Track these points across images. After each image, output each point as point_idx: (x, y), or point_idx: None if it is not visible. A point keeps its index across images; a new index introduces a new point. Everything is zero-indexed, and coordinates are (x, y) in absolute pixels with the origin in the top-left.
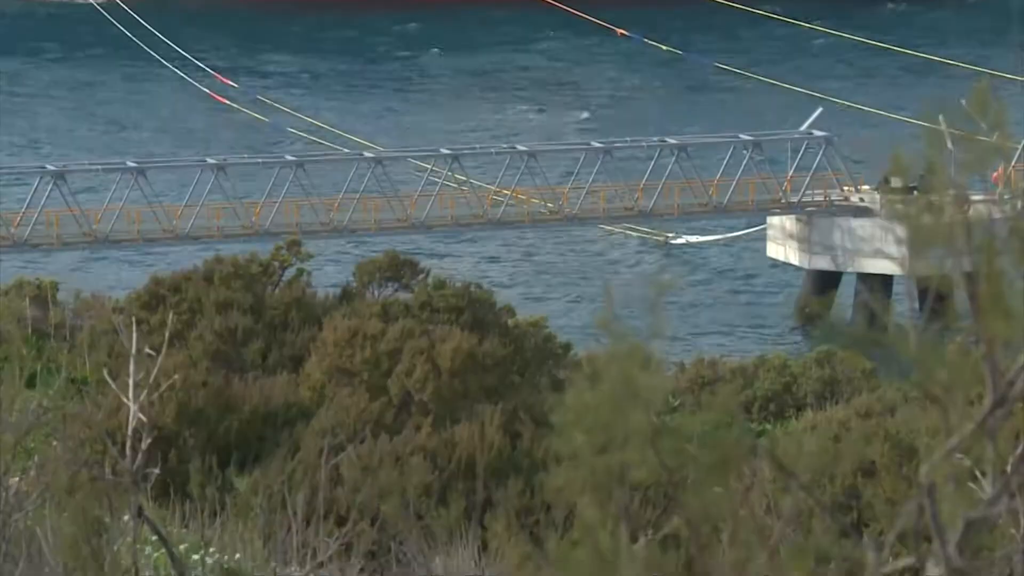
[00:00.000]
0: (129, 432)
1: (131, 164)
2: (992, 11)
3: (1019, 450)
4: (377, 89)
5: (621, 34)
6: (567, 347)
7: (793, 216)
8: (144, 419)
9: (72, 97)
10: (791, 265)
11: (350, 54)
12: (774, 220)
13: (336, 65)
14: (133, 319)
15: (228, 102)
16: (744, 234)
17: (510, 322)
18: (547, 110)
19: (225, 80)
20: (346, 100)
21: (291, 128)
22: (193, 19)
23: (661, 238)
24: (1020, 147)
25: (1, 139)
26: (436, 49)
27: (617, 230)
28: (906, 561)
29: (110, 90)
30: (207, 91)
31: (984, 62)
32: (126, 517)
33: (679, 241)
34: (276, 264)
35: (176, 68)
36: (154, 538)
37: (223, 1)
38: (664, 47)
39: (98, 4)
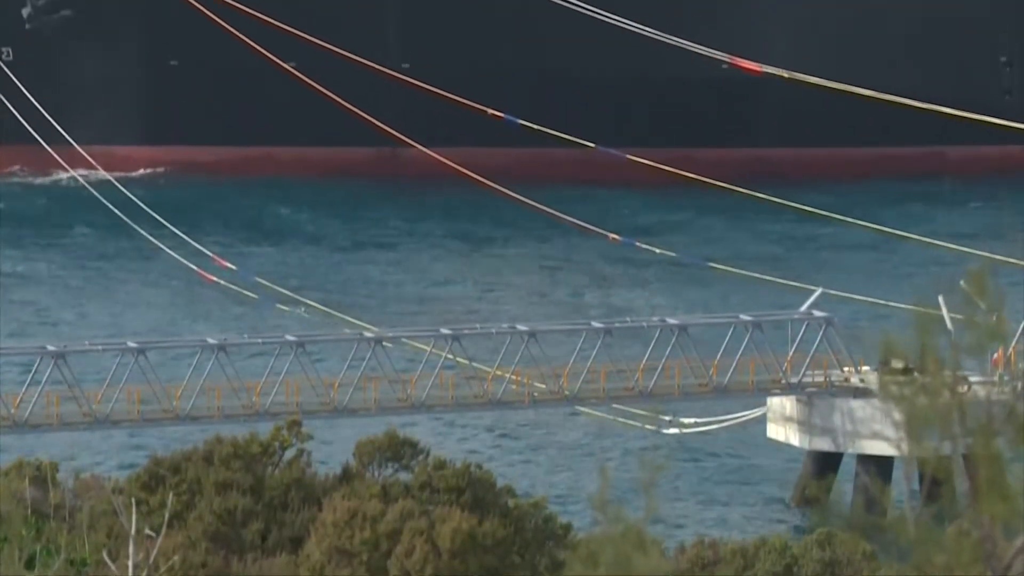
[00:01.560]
0: None
1: (131, 344)
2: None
3: None
4: (372, 264)
5: (613, 239)
6: (567, 528)
7: (793, 397)
8: None
9: (70, 278)
10: (791, 446)
11: (350, 227)
12: (774, 401)
13: (334, 241)
14: (133, 500)
15: (225, 283)
16: (744, 419)
17: (511, 503)
18: (546, 295)
19: (222, 262)
20: (343, 277)
21: (284, 306)
22: (190, 198)
23: (664, 419)
24: (1020, 329)
25: (1, 319)
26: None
27: (617, 412)
28: None
29: (108, 270)
30: (203, 273)
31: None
32: None
33: (677, 428)
34: (276, 444)
35: (171, 249)
36: None
37: (222, 175)
38: (658, 251)
39: (89, 184)
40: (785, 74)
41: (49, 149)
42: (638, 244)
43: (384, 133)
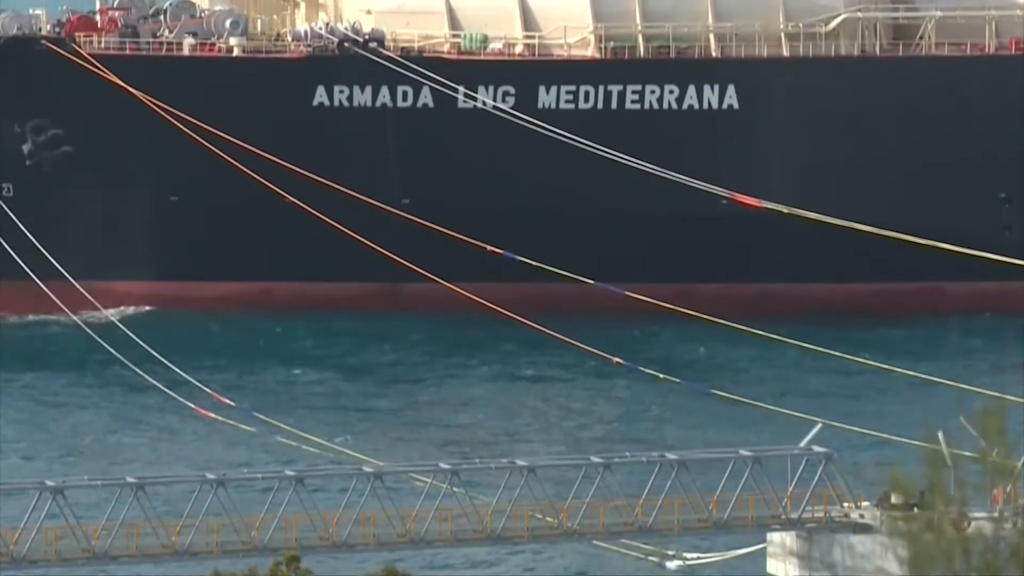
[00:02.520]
0: None
1: (130, 480)
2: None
3: None
4: (371, 397)
5: (617, 363)
6: None
7: (793, 532)
8: None
9: (68, 414)
10: None
11: (349, 361)
12: (774, 536)
13: (333, 375)
14: None
15: (223, 419)
16: (745, 553)
17: None
18: (547, 421)
19: (220, 398)
20: (342, 411)
21: (283, 439)
22: (189, 333)
23: (665, 554)
24: (1020, 464)
25: None
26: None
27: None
28: None
29: (105, 407)
30: (200, 410)
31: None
32: None
33: (678, 562)
34: None
35: (169, 386)
36: None
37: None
38: (661, 376)
39: (86, 321)
40: (784, 210)
41: (45, 288)
42: (641, 369)
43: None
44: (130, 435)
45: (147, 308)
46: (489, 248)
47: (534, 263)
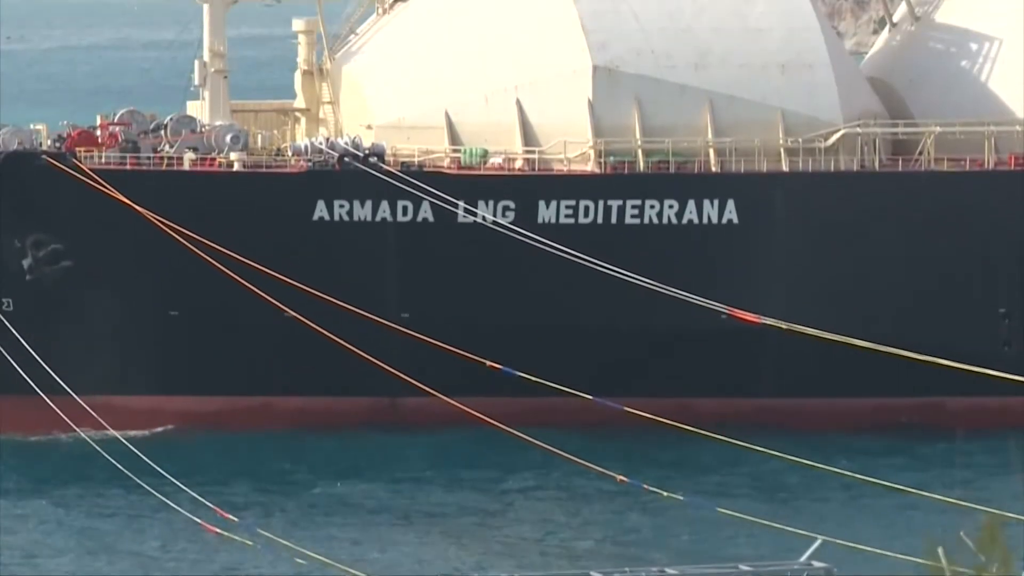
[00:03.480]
0: None
1: None
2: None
3: None
4: (371, 512)
5: (621, 480)
6: None
7: None
8: None
9: (69, 531)
10: None
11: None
12: None
13: (335, 490)
14: None
15: (227, 534)
16: None
17: None
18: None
19: (224, 513)
20: (344, 526)
21: (286, 554)
22: (191, 449)
23: None
24: None
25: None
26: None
27: None
28: None
29: (106, 524)
30: (205, 524)
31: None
32: None
33: None
34: None
35: (169, 498)
36: None
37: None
38: (665, 494)
39: (88, 436)
40: (783, 325)
41: (48, 401)
42: (645, 487)
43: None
44: (132, 553)
45: (147, 422)
46: (488, 363)
47: (532, 378)
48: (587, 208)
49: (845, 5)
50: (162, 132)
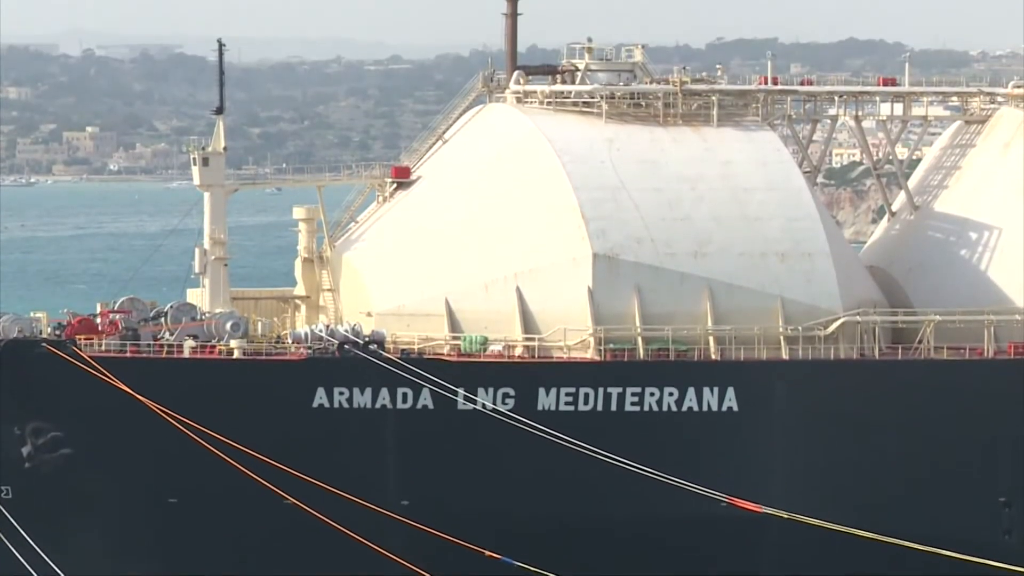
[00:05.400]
0: None
1: None
2: None
3: None
4: None
5: None
6: None
7: None
8: None
9: None
10: None
11: None
12: None
13: None
14: None
15: None
16: None
17: None
18: None
19: None
20: None
21: None
22: None
23: None
24: None
25: None
26: None
27: None
28: None
29: None
30: None
31: None
32: None
33: None
34: None
35: None
36: None
37: None
38: None
39: None
40: (784, 514)
41: None
42: None
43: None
44: None
45: None
46: (488, 552)
47: (532, 568)
48: (587, 395)
49: (844, 194)
50: (162, 320)
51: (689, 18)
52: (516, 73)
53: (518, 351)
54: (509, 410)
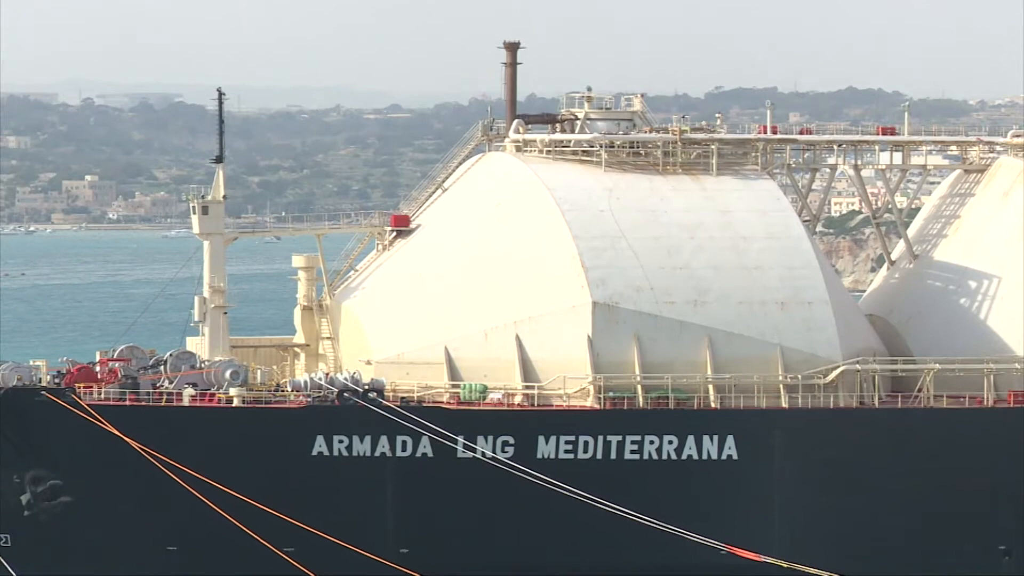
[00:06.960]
0: None
1: None
2: None
3: None
4: None
5: None
6: None
7: None
8: None
9: None
10: None
11: None
12: None
13: None
14: None
15: None
16: None
17: None
18: None
19: None
20: None
21: None
22: None
23: None
24: None
25: None
26: None
27: None
28: None
29: None
30: None
31: None
32: None
33: None
34: None
35: None
36: None
37: None
38: None
39: None
40: (784, 563)
41: None
42: None
43: None
44: None
45: None
46: None
47: None
48: (586, 443)
49: (843, 243)
50: (162, 368)
51: (688, 67)
52: (516, 122)
53: (518, 399)
54: (508, 458)
